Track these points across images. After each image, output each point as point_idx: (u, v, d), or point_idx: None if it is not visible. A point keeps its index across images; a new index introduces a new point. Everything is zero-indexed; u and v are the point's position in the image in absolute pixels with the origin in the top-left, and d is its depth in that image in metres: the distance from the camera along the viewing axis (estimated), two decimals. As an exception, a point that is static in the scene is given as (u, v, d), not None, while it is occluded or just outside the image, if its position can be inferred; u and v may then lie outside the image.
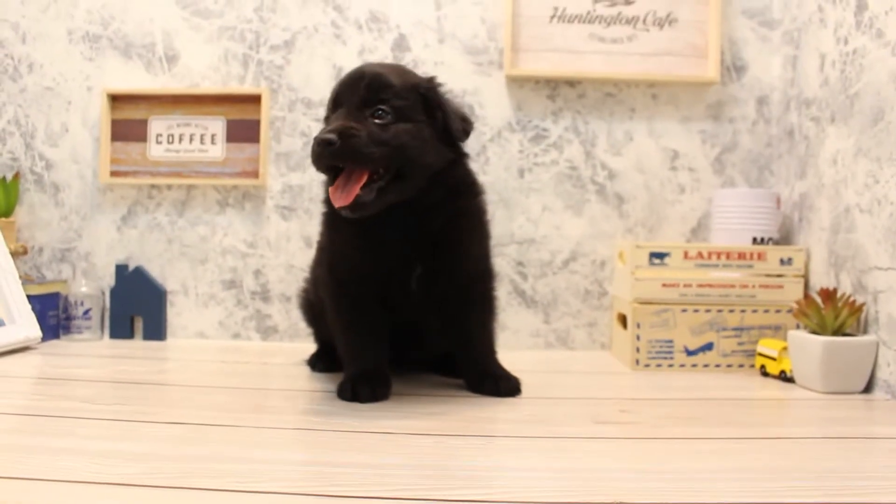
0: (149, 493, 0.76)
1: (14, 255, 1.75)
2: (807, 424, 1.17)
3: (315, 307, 1.51)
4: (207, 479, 0.81)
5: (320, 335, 1.57)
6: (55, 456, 0.89)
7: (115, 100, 1.89)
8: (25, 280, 1.75)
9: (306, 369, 1.53)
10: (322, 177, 1.33)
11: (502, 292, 1.75)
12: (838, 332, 1.41)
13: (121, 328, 1.86)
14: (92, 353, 1.66)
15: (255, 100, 1.86)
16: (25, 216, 1.91)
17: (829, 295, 1.42)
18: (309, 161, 1.81)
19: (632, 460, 0.93)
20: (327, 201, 1.30)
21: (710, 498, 0.79)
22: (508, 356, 1.42)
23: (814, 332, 1.42)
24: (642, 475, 0.87)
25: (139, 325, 1.87)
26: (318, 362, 1.52)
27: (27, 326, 1.67)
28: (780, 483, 0.85)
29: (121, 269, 1.86)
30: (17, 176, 1.87)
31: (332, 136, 1.13)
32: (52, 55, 1.90)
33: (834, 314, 1.41)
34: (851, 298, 1.42)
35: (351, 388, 1.24)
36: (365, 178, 1.16)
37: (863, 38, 1.46)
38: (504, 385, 1.32)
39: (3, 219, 1.79)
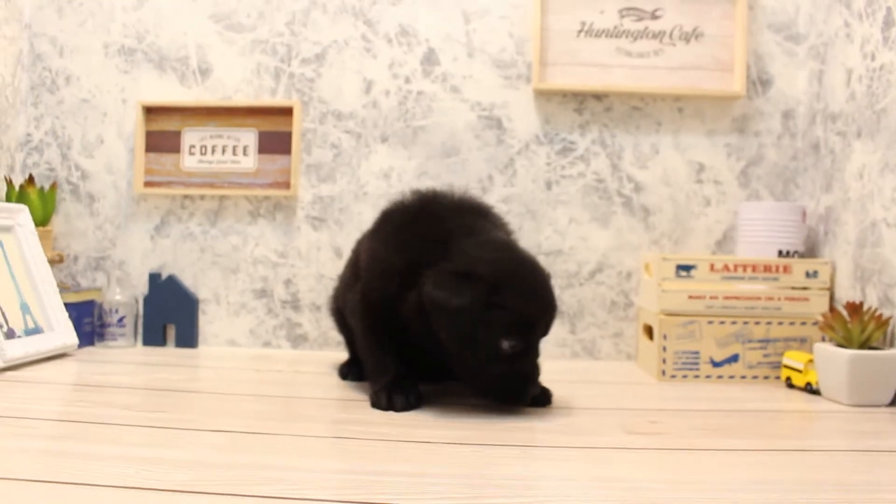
0: (201, 500, 0.79)
1: (50, 263, 1.79)
2: (834, 437, 1.19)
3: (342, 315, 1.54)
4: (255, 487, 0.84)
5: (350, 343, 1.60)
6: (106, 462, 0.91)
7: (150, 112, 1.93)
8: (61, 288, 1.79)
9: (337, 378, 1.55)
10: (351, 188, 1.35)
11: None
12: (864, 345, 1.42)
13: (154, 335, 1.90)
14: (127, 360, 1.70)
15: (286, 112, 1.89)
16: (61, 225, 1.95)
17: (855, 308, 1.43)
18: (339, 173, 1.86)
19: (664, 471, 0.95)
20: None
21: (743, 509, 0.81)
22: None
23: (840, 346, 1.43)
24: (675, 486, 0.89)
25: (171, 332, 1.90)
26: (349, 371, 1.55)
27: (64, 333, 1.70)
28: (809, 495, 0.87)
29: (154, 278, 1.90)
30: (53, 186, 1.91)
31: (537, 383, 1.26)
32: (88, 68, 1.95)
33: (860, 327, 1.42)
34: (878, 312, 1.43)
35: (387, 397, 1.26)
36: None
37: (890, 54, 1.48)
38: (541, 395, 1.34)
39: (40, 228, 1.83)
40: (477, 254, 1.22)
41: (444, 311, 1.17)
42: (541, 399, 1.34)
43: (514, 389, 1.23)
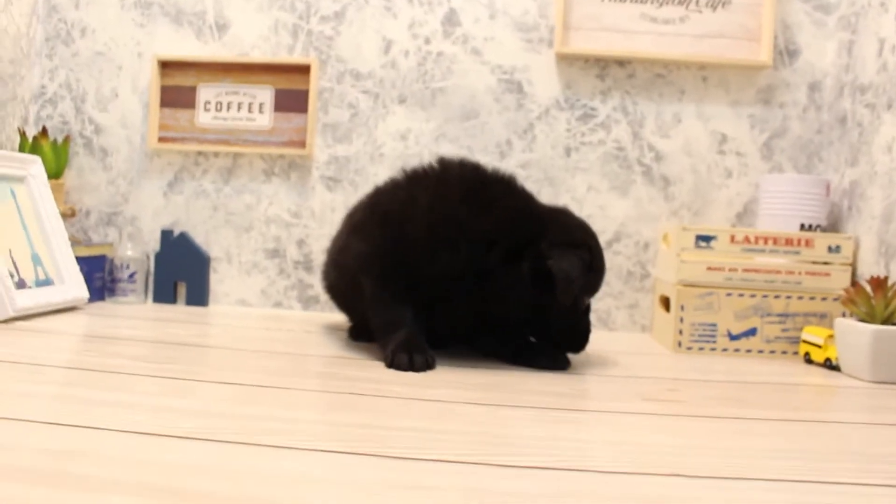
0: (211, 447, 0.77)
1: (63, 216, 1.77)
2: (856, 411, 1.16)
3: (340, 286, 1.51)
4: (264, 436, 0.82)
5: (351, 311, 1.57)
6: (113, 408, 0.90)
7: (165, 66, 1.90)
8: (73, 242, 1.78)
9: (346, 339, 1.54)
10: (368, 149, 1.32)
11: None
12: (888, 321, 1.39)
13: (164, 293, 1.88)
14: (137, 315, 1.69)
15: (303, 70, 1.86)
16: (74, 179, 1.94)
17: (879, 283, 1.40)
18: (355, 133, 1.84)
19: (682, 436, 0.93)
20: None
21: (762, 474, 0.79)
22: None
23: (862, 321, 1.41)
24: (694, 450, 0.87)
25: (182, 290, 1.89)
26: (360, 333, 1.53)
27: (75, 287, 1.69)
28: (831, 464, 0.85)
29: (166, 235, 1.88)
30: (67, 139, 1.89)
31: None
32: (104, 21, 1.92)
33: (884, 303, 1.39)
34: (902, 288, 1.40)
35: (407, 356, 1.24)
36: None
37: (925, 24, 1.44)
38: (559, 359, 1.34)
39: (53, 181, 1.81)
40: (568, 223, 1.36)
41: (570, 281, 1.25)
42: (561, 362, 1.33)
43: (583, 337, 1.37)
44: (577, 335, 1.37)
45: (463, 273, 1.28)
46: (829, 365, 1.47)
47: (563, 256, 1.26)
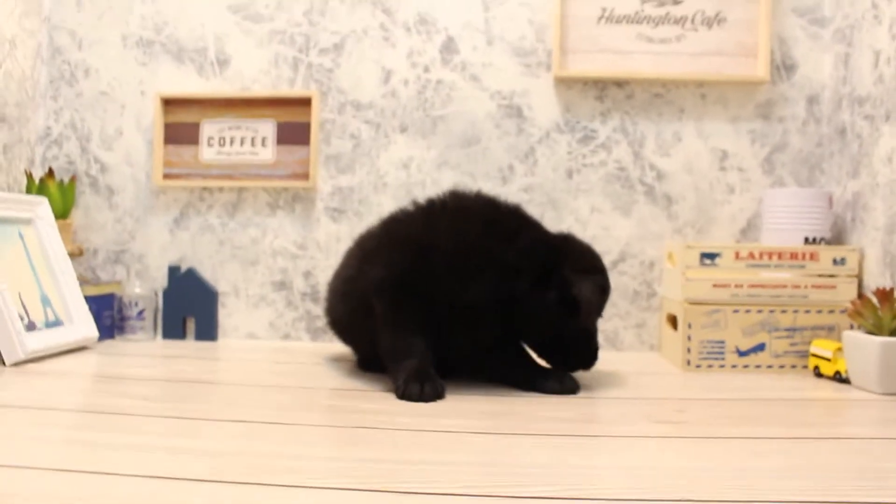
0: (222, 489, 0.78)
1: (70, 256, 1.79)
2: (866, 425, 1.16)
3: (346, 319, 1.51)
4: (275, 475, 0.83)
5: (357, 344, 1.57)
6: (125, 451, 0.91)
7: (168, 104, 1.92)
8: (81, 281, 1.79)
9: (356, 369, 1.54)
10: (371, 179, 1.33)
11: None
12: (895, 332, 1.39)
13: (173, 329, 1.89)
14: (147, 352, 1.69)
15: (305, 102, 1.88)
16: (81, 218, 1.95)
17: (885, 295, 1.40)
18: (358, 164, 1.85)
19: (692, 458, 0.93)
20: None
21: (775, 496, 0.79)
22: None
23: (870, 333, 1.40)
24: (705, 473, 0.87)
25: (191, 325, 1.90)
26: (370, 363, 1.53)
27: (84, 327, 1.70)
28: (843, 482, 0.85)
29: (173, 271, 1.89)
30: (73, 179, 1.91)
31: None
32: (106, 61, 1.94)
33: (891, 314, 1.39)
34: (909, 299, 1.40)
35: (418, 386, 1.24)
36: None
37: (919, 36, 1.45)
38: (567, 382, 1.34)
39: (60, 221, 1.83)
40: (581, 250, 1.43)
41: (592, 304, 1.34)
42: (571, 386, 1.34)
43: (593, 355, 1.42)
44: (589, 353, 1.41)
45: (491, 300, 1.32)
46: (839, 378, 1.47)
47: (584, 282, 1.33)
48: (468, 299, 1.31)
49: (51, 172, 1.86)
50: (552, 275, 1.34)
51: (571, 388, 1.34)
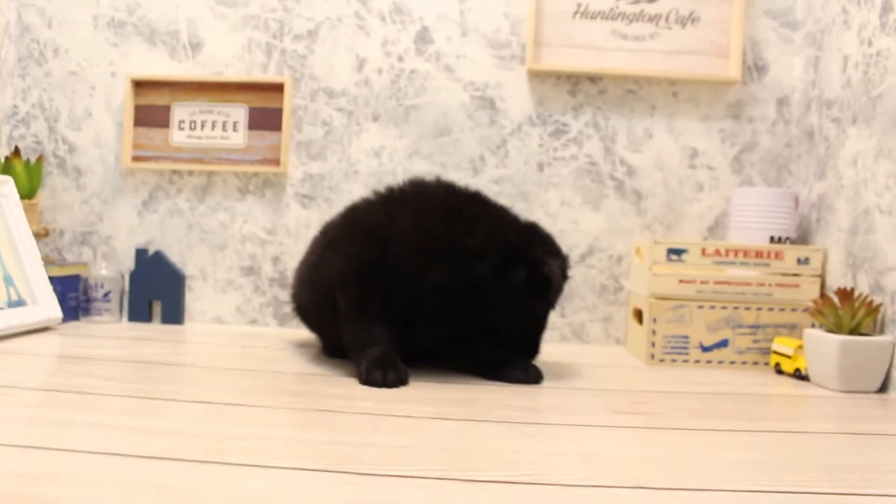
0: (182, 466, 0.78)
1: (36, 236, 1.77)
2: (823, 420, 1.18)
3: (312, 306, 1.51)
4: (235, 455, 0.83)
5: (323, 332, 1.57)
6: (86, 429, 0.90)
7: (139, 86, 1.90)
8: (46, 262, 1.77)
9: (322, 356, 1.54)
10: (342, 166, 1.33)
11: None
12: (854, 331, 1.41)
13: (139, 311, 1.88)
14: (111, 334, 1.68)
15: (277, 88, 1.87)
16: (47, 199, 1.93)
17: (846, 294, 1.42)
18: (329, 151, 1.84)
19: (650, 448, 0.94)
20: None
21: (729, 486, 0.80)
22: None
23: (830, 331, 1.42)
24: (662, 462, 0.88)
25: (157, 308, 1.89)
26: (333, 350, 1.53)
27: (48, 307, 1.68)
28: (797, 475, 0.86)
29: (140, 254, 1.88)
30: (40, 159, 1.89)
31: None
32: (77, 40, 1.92)
33: (851, 313, 1.41)
34: (869, 299, 1.42)
35: (381, 373, 1.25)
36: None
37: (887, 40, 1.47)
38: (532, 371, 1.35)
39: (26, 201, 1.81)
40: (546, 234, 1.44)
41: (560, 287, 1.39)
42: (535, 375, 1.35)
43: (537, 343, 1.43)
44: (536, 339, 1.44)
45: (453, 287, 1.31)
46: (799, 375, 1.49)
47: (555, 262, 1.36)
48: (430, 287, 1.31)
49: (17, 151, 1.84)
50: (521, 256, 1.34)
51: (536, 378, 1.35)
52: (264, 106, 1.88)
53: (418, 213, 1.36)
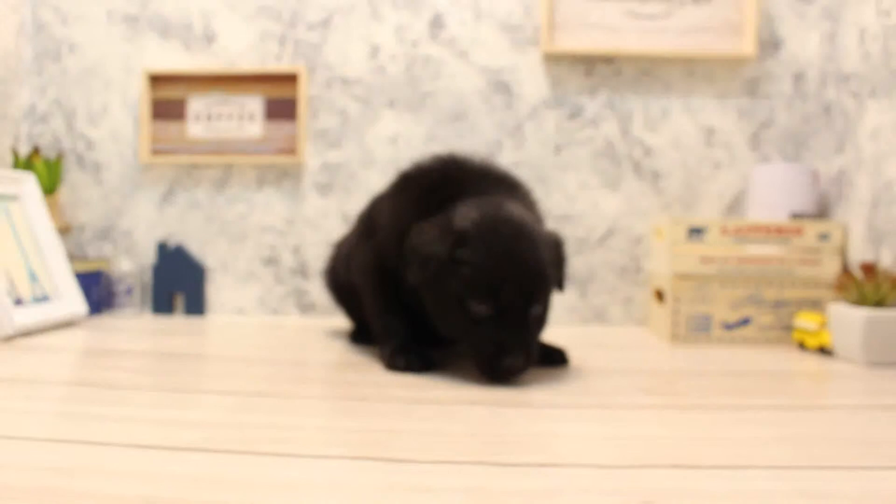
0: (214, 458, 0.78)
1: (58, 233, 1.78)
2: (852, 395, 1.18)
3: (344, 286, 1.52)
4: (267, 445, 0.83)
5: (353, 313, 1.58)
6: (115, 422, 0.91)
7: (155, 80, 1.91)
8: (69, 258, 1.78)
9: (347, 343, 1.55)
10: (359, 154, 1.32)
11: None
12: (879, 305, 1.41)
13: (162, 305, 1.89)
14: (136, 328, 1.69)
15: (292, 78, 1.88)
16: (68, 195, 1.94)
17: (869, 268, 1.42)
18: (346, 139, 1.84)
19: (682, 428, 0.94)
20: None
21: (763, 462, 0.80)
22: (545, 331, 1.43)
23: (854, 306, 1.42)
24: (696, 441, 0.88)
25: (180, 301, 1.90)
26: (360, 336, 1.54)
27: (73, 302, 1.70)
28: (830, 449, 0.86)
29: (161, 247, 1.89)
30: (59, 156, 1.90)
31: (520, 364, 1.14)
32: (92, 37, 1.93)
33: (875, 287, 1.41)
34: (892, 272, 1.42)
35: (404, 359, 1.26)
36: None
37: (905, 11, 1.46)
38: (558, 355, 1.35)
39: (47, 197, 1.82)
40: (464, 210, 1.18)
41: (416, 260, 1.17)
42: (556, 358, 1.35)
43: (487, 358, 1.15)
44: (482, 351, 1.21)
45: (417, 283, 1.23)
46: (823, 351, 1.49)
47: (420, 235, 1.21)
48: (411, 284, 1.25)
49: (37, 150, 1.85)
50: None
51: (561, 361, 1.35)
52: (280, 96, 1.89)
53: (398, 208, 1.31)
